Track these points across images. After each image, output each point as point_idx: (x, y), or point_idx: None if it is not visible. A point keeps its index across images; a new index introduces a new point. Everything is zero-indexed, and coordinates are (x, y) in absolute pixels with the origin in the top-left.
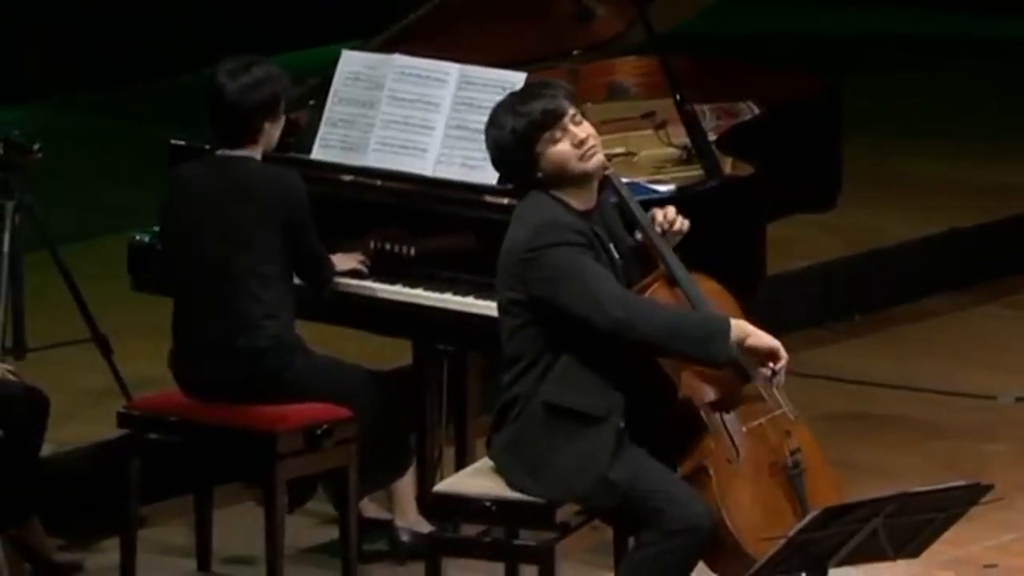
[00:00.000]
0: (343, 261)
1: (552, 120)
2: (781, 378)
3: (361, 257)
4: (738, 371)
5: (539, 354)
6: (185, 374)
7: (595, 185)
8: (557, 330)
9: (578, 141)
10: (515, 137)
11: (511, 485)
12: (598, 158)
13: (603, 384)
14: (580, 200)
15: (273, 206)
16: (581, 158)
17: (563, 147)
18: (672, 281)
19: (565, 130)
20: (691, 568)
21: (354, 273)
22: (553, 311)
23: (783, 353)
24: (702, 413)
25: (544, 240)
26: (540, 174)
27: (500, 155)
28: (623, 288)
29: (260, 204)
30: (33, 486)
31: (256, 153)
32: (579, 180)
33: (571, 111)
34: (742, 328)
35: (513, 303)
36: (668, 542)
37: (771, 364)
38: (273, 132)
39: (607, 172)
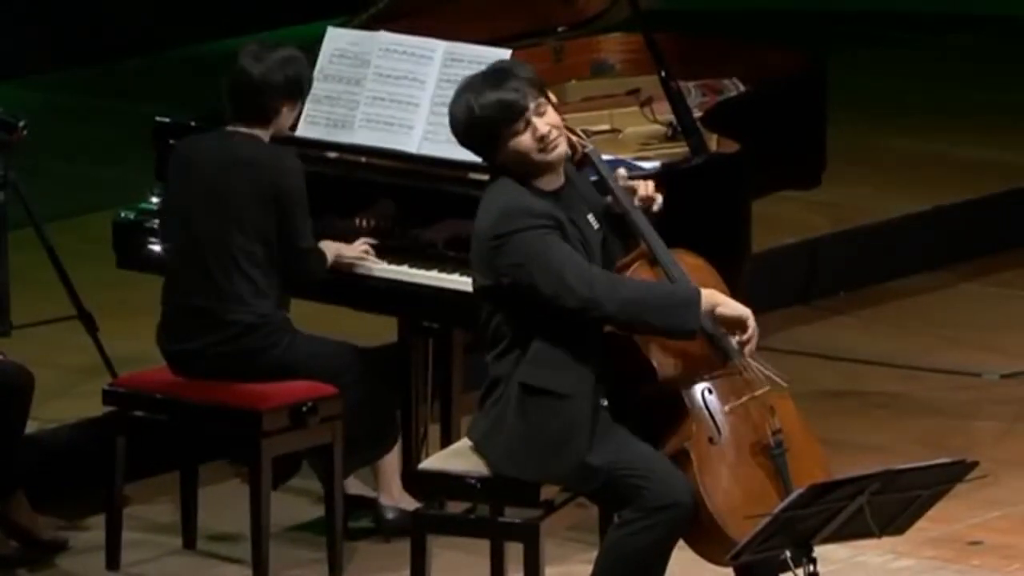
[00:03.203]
0: (348, 248)
1: (512, 115)
2: (752, 347)
3: (365, 247)
4: (718, 351)
5: (515, 338)
6: (171, 347)
7: (560, 168)
8: (529, 313)
9: (539, 136)
10: (476, 123)
11: (490, 467)
12: (559, 150)
13: (578, 364)
14: (546, 182)
15: (266, 180)
16: (541, 151)
17: (524, 139)
18: (653, 260)
19: (528, 123)
20: (673, 544)
21: (361, 259)
22: (524, 295)
23: (752, 323)
24: (683, 394)
25: (509, 226)
26: (497, 158)
27: (462, 135)
28: (589, 265)
29: (255, 179)
30: (18, 463)
31: (265, 135)
32: (541, 170)
33: (533, 104)
34: (712, 297)
35: (486, 289)
36: (649, 519)
37: (740, 334)
38: (289, 116)
39: (586, 150)
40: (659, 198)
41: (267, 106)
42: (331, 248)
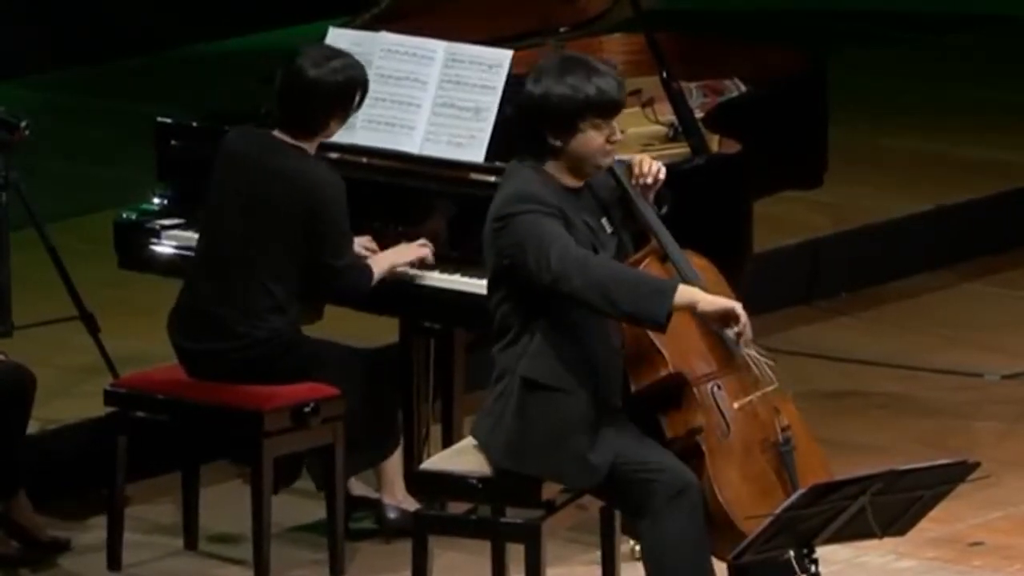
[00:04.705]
0: (401, 255)
1: (612, 108)
2: (748, 335)
3: (421, 252)
4: (724, 347)
5: (520, 330)
6: (183, 343)
7: None
8: (534, 303)
9: (613, 139)
10: (575, 101)
11: (492, 463)
12: (611, 160)
13: (580, 359)
14: (571, 179)
15: (304, 197)
16: (604, 155)
17: (598, 137)
18: (664, 256)
19: (610, 125)
20: (700, 524)
21: (420, 263)
22: (522, 277)
23: (740, 312)
24: (693, 389)
25: (512, 209)
26: (558, 143)
27: (542, 106)
28: (576, 247)
29: (294, 194)
30: (19, 464)
31: (311, 147)
32: (584, 171)
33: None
34: (690, 294)
35: (494, 276)
36: (670, 507)
37: (734, 327)
38: (336, 129)
39: None
40: (660, 173)
41: (316, 115)
42: (385, 258)
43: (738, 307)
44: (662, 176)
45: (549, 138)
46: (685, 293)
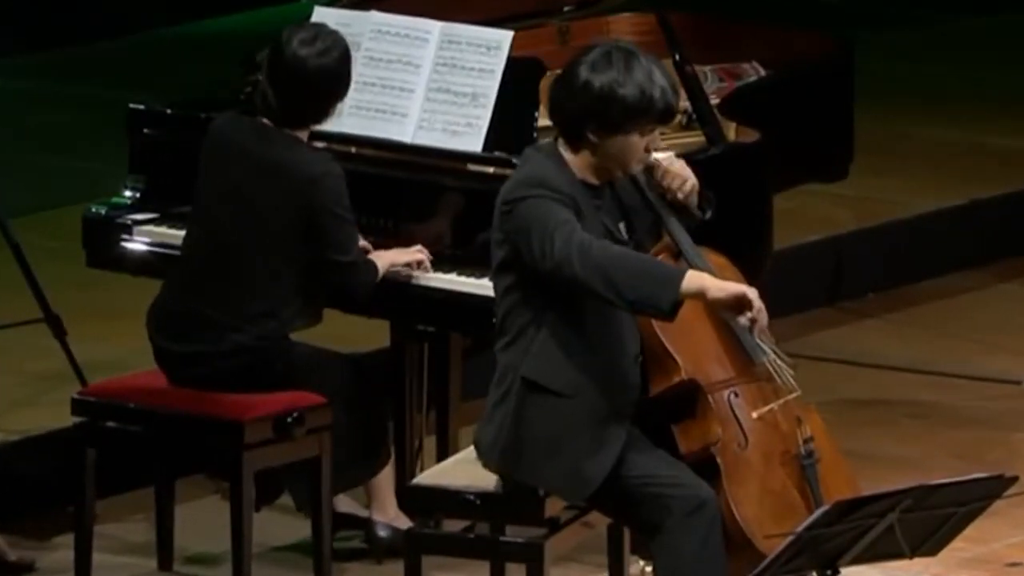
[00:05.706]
0: (400, 254)
1: (668, 120)
2: (763, 323)
3: (418, 256)
4: (742, 352)
5: (526, 324)
6: (161, 341)
7: None
8: (539, 292)
9: (652, 148)
10: (639, 104)
11: (488, 468)
12: (637, 169)
13: (584, 363)
14: (592, 176)
15: (302, 192)
16: (638, 163)
17: (639, 142)
18: (677, 252)
19: (654, 134)
20: (718, 539)
21: (417, 265)
22: (527, 265)
23: (753, 296)
24: (708, 397)
25: (521, 193)
26: (596, 139)
27: (600, 99)
28: (582, 231)
29: (291, 189)
30: None
31: (304, 135)
32: (613, 172)
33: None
34: (699, 280)
35: (500, 265)
36: (686, 523)
37: (747, 313)
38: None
39: None
40: (687, 184)
41: (325, 102)
42: (384, 257)
43: (751, 292)
44: (688, 188)
45: (589, 131)
46: (694, 279)
